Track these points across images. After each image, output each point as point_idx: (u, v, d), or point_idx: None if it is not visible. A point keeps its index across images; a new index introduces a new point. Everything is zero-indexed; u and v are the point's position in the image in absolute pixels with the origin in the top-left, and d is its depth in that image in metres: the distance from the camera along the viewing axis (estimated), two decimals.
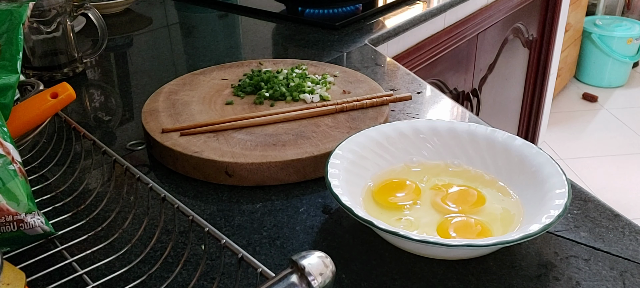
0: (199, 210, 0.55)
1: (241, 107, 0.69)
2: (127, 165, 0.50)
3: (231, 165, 0.57)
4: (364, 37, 0.99)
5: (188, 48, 1.01)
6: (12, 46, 0.54)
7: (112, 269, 0.45)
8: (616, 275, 0.45)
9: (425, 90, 0.79)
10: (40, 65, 0.84)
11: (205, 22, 1.16)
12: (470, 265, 0.46)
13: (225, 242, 0.40)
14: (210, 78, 0.77)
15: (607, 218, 0.51)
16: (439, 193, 0.52)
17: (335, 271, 0.33)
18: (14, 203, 0.44)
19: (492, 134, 0.56)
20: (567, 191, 0.46)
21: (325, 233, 0.51)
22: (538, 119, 1.97)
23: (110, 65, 0.95)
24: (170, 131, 0.62)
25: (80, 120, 0.74)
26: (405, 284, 0.45)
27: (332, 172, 0.49)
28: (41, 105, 0.55)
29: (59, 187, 0.56)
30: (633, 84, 3.07)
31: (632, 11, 3.25)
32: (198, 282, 0.45)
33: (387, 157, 0.56)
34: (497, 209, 0.50)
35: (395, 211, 0.50)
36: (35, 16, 0.81)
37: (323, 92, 0.71)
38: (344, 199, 0.46)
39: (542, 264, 0.46)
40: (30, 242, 0.47)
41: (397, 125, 0.58)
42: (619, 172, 2.35)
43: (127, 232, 0.50)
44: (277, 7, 1.16)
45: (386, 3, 1.16)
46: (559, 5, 1.77)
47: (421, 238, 0.43)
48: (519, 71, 1.74)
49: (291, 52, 0.97)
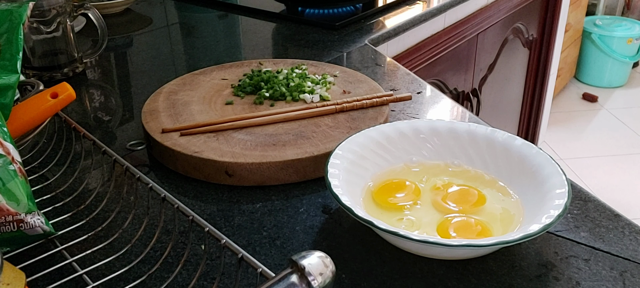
0: (199, 210, 0.55)
1: (241, 107, 0.69)
2: (127, 165, 0.50)
3: (231, 165, 0.57)
4: (364, 37, 0.99)
5: (188, 48, 1.01)
6: (12, 46, 0.54)
7: (112, 269, 0.45)
8: (616, 275, 0.45)
9: (425, 90, 0.79)
10: (40, 65, 0.84)
11: (205, 22, 1.16)
12: (470, 265, 0.46)
13: (225, 242, 0.40)
14: (210, 78, 0.77)
15: (607, 218, 0.51)
16: (440, 193, 0.52)
17: (335, 271, 0.33)
18: (14, 203, 0.44)
19: (492, 134, 0.56)
20: (567, 191, 0.46)
21: (325, 233, 0.51)
22: (538, 119, 1.97)
23: (110, 65, 0.95)
24: (170, 131, 0.62)
25: (80, 120, 0.74)
26: (405, 284, 0.45)
27: (332, 172, 0.49)
28: (41, 105, 0.55)
29: (59, 187, 0.56)
30: (633, 84, 3.08)
31: (632, 11, 3.25)
32: (198, 282, 0.45)
33: (387, 157, 0.56)
34: (497, 209, 0.50)
35: (395, 212, 0.50)
36: (35, 16, 0.81)
37: (323, 92, 0.71)
38: (344, 199, 0.46)
39: (542, 264, 0.46)
40: (30, 242, 0.47)
41: (397, 125, 0.58)
42: (619, 172, 2.34)
43: (127, 232, 0.50)
44: (277, 7, 1.16)
45: (386, 3, 1.16)
46: (559, 5, 1.77)
47: (421, 238, 0.43)
48: (519, 71, 1.74)
49: (291, 52, 0.97)
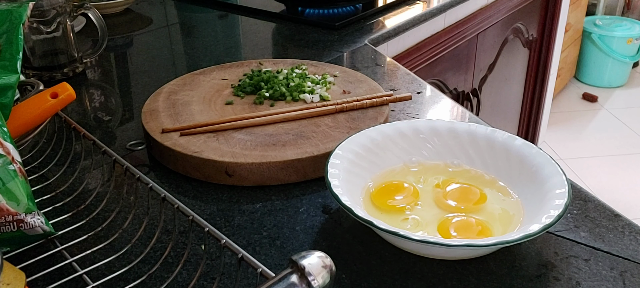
0: (199, 210, 0.55)
1: (241, 107, 0.69)
2: (127, 165, 0.50)
3: (231, 165, 0.57)
4: (364, 37, 0.99)
5: (188, 48, 1.01)
6: (12, 46, 0.54)
7: (112, 269, 0.45)
8: (616, 275, 0.45)
9: (425, 90, 0.78)
10: (40, 65, 0.84)
11: (205, 22, 1.16)
12: (470, 265, 0.46)
13: (225, 242, 0.40)
14: (210, 78, 0.77)
15: (607, 218, 0.51)
16: (441, 190, 0.52)
17: (335, 271, 0.33)
18: (14, 203, 0.44)
19: (492, 134, 0.56)
20: (567, 191, 0.46)
21: (325, 233, 0.51)
22: (538, 119, 1.97)
23: (110, 65, 0.95)
24: (171, 131, 0.62)
25: (80, 120, 0.74)
26: (405, 284, 0.45)
27: (332, 172, 0.49)
28: (41, 105, 0.55)
29: (59, 187, 0.56)
30: (633, 84, 3.08)
31: (632, 11, 3.25)
32: (198, 282, 0.45)
33: (387, 157, 0.56)
34: (497, 209, 0.50)
35: (396, 213, 0.50)
36: (35, 16, 0.81)
37: (323, 92, 0.71)
38: (344, 199, 0.46)
39: (542, 264, 0.46)
40: (30, 242, 0.47)
41: (397, 125, 0.58)
42: (619, 172, 2.34)
43: (127, 232, 0.50)
44: (277, 7, 1.16)
45: (386, 3, 1.16)
46: (559, 5, 1.77)
47: (421, 238, 0.43)
48: (519, 71, 1.74)
49: (291, 52, 0.97)
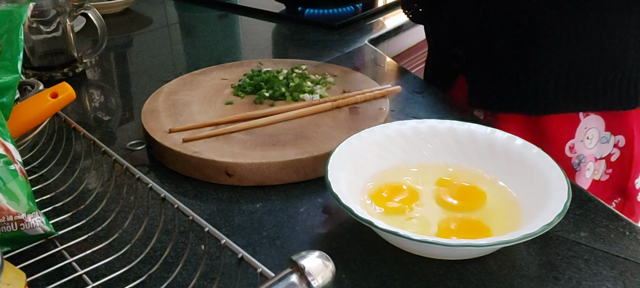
0: (199, 210, 0.55)
1: (241, 107, 0.69)
2: (127, 165, 0.50)
3: (231, 165, 0.57)
4: (364, 37, 0.99)
5: (188, 48, 1.02)
6: (13, 46, 0.54)
7: (112, 269, 0.45)
8: (616, 275, 0.45)
9: (425, 90, 0.78)
10: (40, 65, 0.84)
11: (205, 22, 1.16)
12: (470, 265, 0.46)
13: (225, 242, 0.40)
14: (210, 78, 0.77)
15: (607, 218, 0.51)
16: (441, 191, 0.52)
17: (335, 271, 0.33)
18: (14, 203, 0.44)
19: (492, 134, 0.56)
20: (567, 191, 0.46)
21: (325, 233, 0.51)
22: None
23: (110, 65, 0.95)
24: (178, 131, 0.62)
25: (80, 120, 0.74)
26: (405, 284, 0.45)
27: (332, 172, 0.49)
28: (41, 105, 0.55)
29: (59, 187, 0.56)
30: None
31: None
32: (198, 282, 0.45)
33: (387, 157, 0.56)
34: (497, 209, 0.50)
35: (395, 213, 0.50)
36: (35, 16, 0.81)
37: (323, 92, 0.71)
38: (344, 199, 0.46)
39: (542, 264, 0.46)
40: (30, 242, 0.47)
41: (397, 125, 0.58)
42: None
43: (127, 232, 0.50)
44: (277, 7, 1.16)
45: (386, 3, 1.16)
46: None
47: (421, 238, 0.43)
48: None
49: (291, 52, 0.97)
